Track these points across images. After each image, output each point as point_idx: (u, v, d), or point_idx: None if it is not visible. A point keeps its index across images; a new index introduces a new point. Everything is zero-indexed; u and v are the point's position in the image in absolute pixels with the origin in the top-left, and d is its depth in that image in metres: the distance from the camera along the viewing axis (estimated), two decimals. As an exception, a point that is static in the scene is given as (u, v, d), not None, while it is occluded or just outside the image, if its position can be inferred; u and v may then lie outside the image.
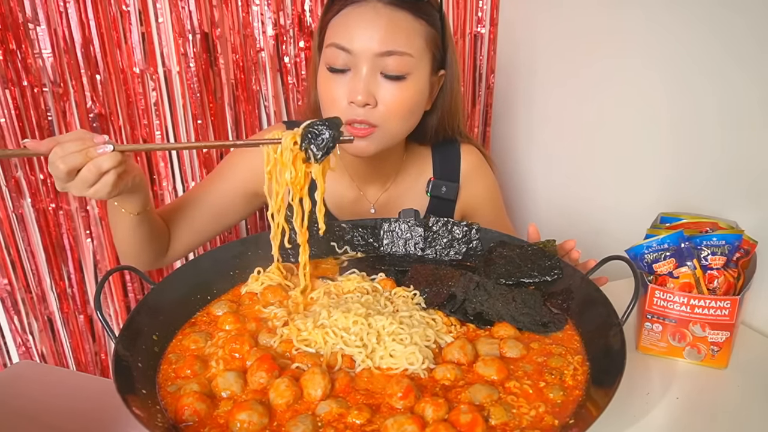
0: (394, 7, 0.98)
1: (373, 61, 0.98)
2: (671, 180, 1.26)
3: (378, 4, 0.98)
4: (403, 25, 0.99)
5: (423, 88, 1.04)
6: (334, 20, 1.01)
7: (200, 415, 0.66)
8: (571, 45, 1.51)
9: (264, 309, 0.86)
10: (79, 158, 0.80)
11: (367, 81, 0.98)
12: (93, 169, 0.81)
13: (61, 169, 0.80)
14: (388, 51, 0.97)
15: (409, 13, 0.99)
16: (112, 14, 1.39)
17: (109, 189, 0.84)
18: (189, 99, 1.53)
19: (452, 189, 1.21)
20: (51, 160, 0.80)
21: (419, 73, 1.02)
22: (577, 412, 0.67)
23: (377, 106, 1.00)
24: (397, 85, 0.99)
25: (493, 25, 1.76)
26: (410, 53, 0.99)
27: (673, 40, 1.21)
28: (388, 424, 0.63)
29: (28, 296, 1.58)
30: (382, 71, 0.99)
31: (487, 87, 1.85)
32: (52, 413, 0.93)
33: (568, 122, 1.57)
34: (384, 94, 1.00)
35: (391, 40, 0.97)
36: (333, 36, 1.00)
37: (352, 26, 0.98)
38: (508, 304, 0.85)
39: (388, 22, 0.97)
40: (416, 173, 1.22)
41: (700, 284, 0.93)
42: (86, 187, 0.83)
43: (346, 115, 0.99)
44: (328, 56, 1.01)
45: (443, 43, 1.07)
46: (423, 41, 1.01)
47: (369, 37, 0.97)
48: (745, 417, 0.82)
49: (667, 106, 1.25)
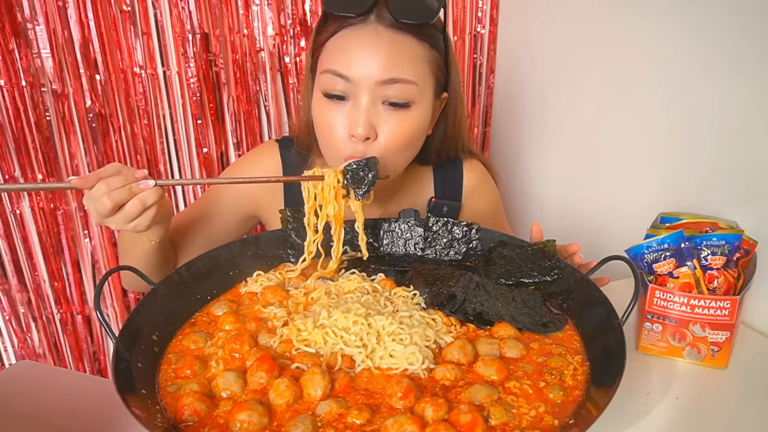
0: (397, 30, 0.91)
1: (374, 90, 0.91)
2: (671, 180, 1.26)
3: (378, 27, 0.90)
4: (406, 49, 0.91)
5: (426, 116, 0.98)
6: (329, 43, 0.94)
7: (200, 415, 0.66)
8: (571, 45, 1.51)
9: (264, 309, 0.86)
10: (124, 194, 0.81)
11: (368, 112, 0.91)
12: (138, 205, 0.82)
13: (108, 206, 0.80)
14: (390, 79, 0.90)
15: (412, 37, 0.92)
16: (112, 14, 1.39)
17: (148, 223, 0.85)
18: (189, 99, 1.53)
19: (454, 208, 1.17)
20: (95, 196, 0.80)
21: (423, 101, 0.96)
22: (577, 412, 0.67)
23: (377, 139, 0.94)
24: (399, 114, 0.93)
25: (493, 25, 1.76)
26: (414, 80, 0.92)
27: (673, 40, 1.21)
28: (388, 424, 0.63)
29: (26, 296, 1.58)
30: (383, 100, 0.92)
31: (487, 87, 1.85)
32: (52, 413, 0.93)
33: (568, 122, 1.57)
34: (384, 126, 0.93)
35: (393, 67, 0.90)
36: (329, 61, 0.93)
37: (350, 51, 0.90)
38: (508, 304, 0.84)
39: (390, 46, 0.90)
40: (416, 193, 1.17)
41: (700, 284, 0.93)
42: (128, 221, 0.84)
43: (344, 148, 0.94)
44: (323, 83, 0.93)
45: (446, 65, 1.00)
46: (426, 66, 0.95)
47: (369, 63, 0.89)
48: (745, 417, 0.82)
49: (667, 106, 1.25)
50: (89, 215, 1.53)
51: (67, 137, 1.48)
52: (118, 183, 0.81)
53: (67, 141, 1.48)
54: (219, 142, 1.62)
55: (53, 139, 1.46)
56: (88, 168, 1.52)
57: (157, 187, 0.84)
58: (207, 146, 1.61)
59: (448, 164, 1.18)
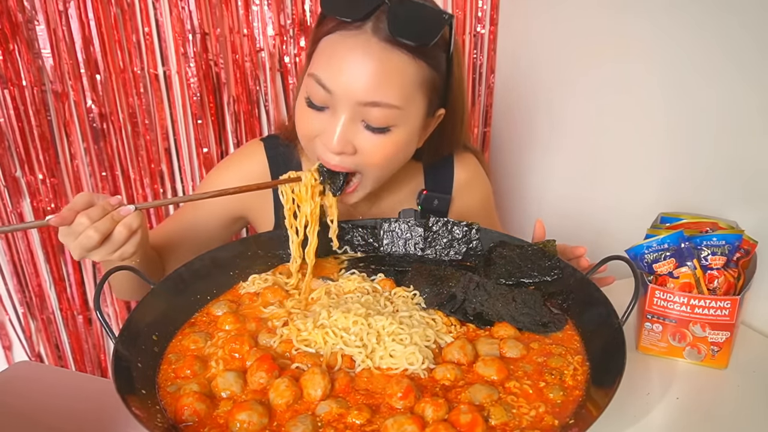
0: (391, 45, 0.84)
1: (354, 108, 0.87)
2: (671, 180, 1.26)
3: (372, 39, 0.84)
4: (395, 69, 0.86)
5: (409, 137, 0.94)
6: (323, 41, 0.89)
7: (200, 415, 0.66)
8: (571, 45, 1.51)
9: (264, 309, 0.86)
10: (107, 223, 0.79)
11: (344, 129, 0.88)
12: (124, 231, 0.80)
13: (95, 238, 0.78)
14: (372, 102, 0.86)
15: (407, 54, 0.86)
16: (112, 14, 1.39)
17: (134, 248, 0.83)
18: (189, 99, 1.53)
19: (444, 201, 1.15)
20: (78, 231, 0.78)
21: (406, 123, 0.91)
22: (577, 412, 0.67)
23: (355, 154, 0.91)
24: (377, 137, 0.89)
25: (493, 25, 1.76)
26: (397, 105, 0.87)
27: (672, 41, 1.21)
28: (388, 424, 0.63)
29: (27, 296, 1.58)
30: (363, 119, 0.88)
31: (487, 87, 1.85)
32: (52, 413, 0.93)
33: (569, 122, 1.57)
34: (364, 144, 0.90)
35: (377, 90, 0.85)
36: (317, 65, 0.89)
37: (338, 61, 0.86)
38: (508, 304, 0.84)
39: (378, 65, 0.84)
40: (407, 187, 1.16)
41: (700, 284, 0.92)
42: (114, 249, 0.81)
43: (321, 155, 0.92)
44: (308, 86, 0.90)
45: (447, 83, 0.95)
46: (417, 87, 0.89)
47: (354, 80, 0.85)
48: (744, 417, 0.82)
49: (667, 106, 1.25)
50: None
51: (68, 137, 1.48)
52: (99, 213, 0.78)
53: (67, 141, 1.48)
54: (219, 142, 1.62)
55: (53, 139, 1.47)
56: (88, 168, 1.52)
57: (138, 211, 0.82)
58: (207, 146, 1.61)
59: (439, 160, 1.16)
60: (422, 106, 0.93)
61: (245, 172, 1.10)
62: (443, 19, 0.87)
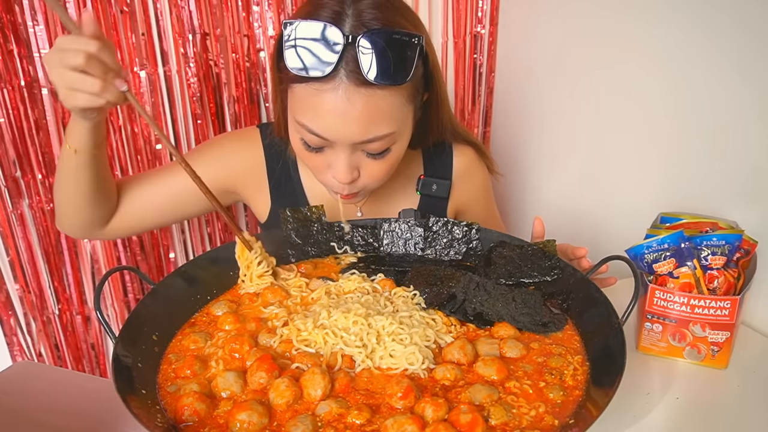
0: (368, 87, 0.84)
1: (353, 146, 0.90)
2: (671, 180, 1.26)
3: (350, 88, 0.84)
4: (381, 105, 0.86)
5: (406, 140, 0.97)
6: (301, 89, 0.87)
7: (200, 415, 0.66)
8: (571, 45, 1.51)
9: (264, 309, 0.86)
10: (99, 67, 0.77)
11: (348, 161, 0.92)
12: (99, 68, 0.78)
13: (92, 50, 0.75)
14: (368, 139, 0.89)
15: (387, 87, 0.85)
16: (112, 14, 1.39)
17: (87, 97, 0.80)
18: (189, 99, 1.53)
19: (443, 186, 1.15)
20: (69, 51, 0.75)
21: (403, 137, 0.95)
22: (577, 412, 0.67)
23: (360, 177, 0.96)
24: (380, 160, 0.94)
25: (493, 25, 1.76)
26: (392, 132, 0.90)
27: (672, 40, 1.21)
28: (388, 424, 0.63)
29: (26, 296, 1.58)
30: (363, 150, 0.92)
31: (487, 87, 1.85)
32: (51, 413, 0.93)
33: (569, 122, 1.57)
34: (367, 169, 0.95)
35: (369, 129, 0.87)
36: (302, 114, 0.89)
37: (324, 114, 0.86)
38: (508, 304, 0.84)
39: (364, 108, 0.85)
40: (405, 175, 1.16)
41: (700, 284, 0.93)
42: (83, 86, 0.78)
43: (328, 183, 0.98)
44: (299, 131, 0.91)
45: (425, 74, 0.94)
46: (404, 105, 0.91)
47: (345, 128, 0.87)
48: (744, 417, 0.82)
49: (667, 106, 1.25)
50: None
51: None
52: (109, 57, 0.79)
53: (67, 141, 1.48)
54: (219, 142, 1.61)
55: (53, 139, 1.46)
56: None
57: (120, 93, 0.81)
58: (207, 146, 1.60)
59: (437, 148, 1.17)
60: (412, 113, 0.95)
61: (241, 150, 1.13)
62: (414, 44, 0.85)
